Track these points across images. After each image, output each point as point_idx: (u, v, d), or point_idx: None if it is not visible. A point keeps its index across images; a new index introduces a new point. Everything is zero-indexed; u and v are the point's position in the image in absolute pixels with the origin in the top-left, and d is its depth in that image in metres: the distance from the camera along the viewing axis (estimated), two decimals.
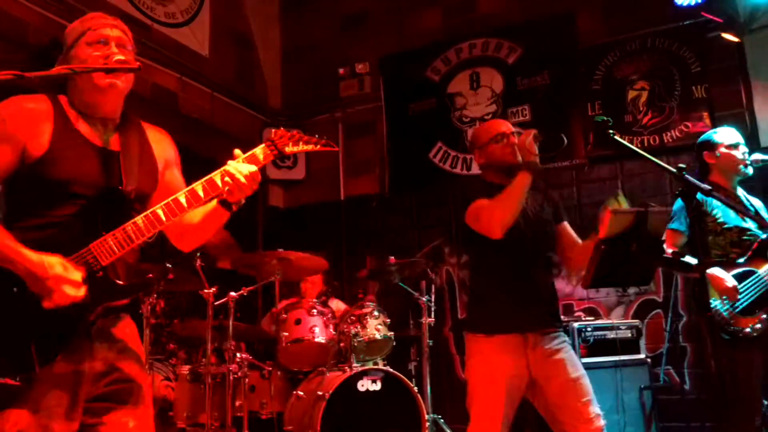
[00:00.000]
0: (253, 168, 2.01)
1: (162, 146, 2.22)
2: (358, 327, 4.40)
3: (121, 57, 2.01)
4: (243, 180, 1.98)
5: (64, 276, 1.81)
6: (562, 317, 2.99)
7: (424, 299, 4.66)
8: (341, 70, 6.79)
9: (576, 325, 4.64)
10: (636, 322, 4.81)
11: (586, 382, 2.75)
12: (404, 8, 6.71)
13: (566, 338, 2.88)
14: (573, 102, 5.76)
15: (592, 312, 5.48)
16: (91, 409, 1.92)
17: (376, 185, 6.58)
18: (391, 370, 4.25)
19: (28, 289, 1.82)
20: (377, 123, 6.64)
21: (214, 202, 2.06)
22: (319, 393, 4.02)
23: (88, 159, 1.99)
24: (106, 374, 1.96)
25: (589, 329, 4.63)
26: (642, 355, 4.69)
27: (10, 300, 1.82)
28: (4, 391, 1.77)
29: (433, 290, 4.85)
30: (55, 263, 1.81)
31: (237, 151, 2.04)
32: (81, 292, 1.83)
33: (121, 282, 1.96)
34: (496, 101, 6.12)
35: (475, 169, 6.06)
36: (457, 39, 6.35)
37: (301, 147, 2.12)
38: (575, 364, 2.79)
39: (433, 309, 4.73)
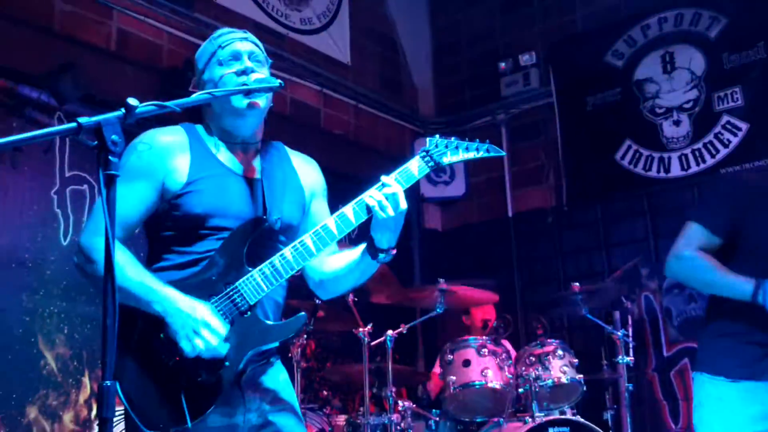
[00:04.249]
0: (399, 188, 2.07)
1: (309, 174, 2.34)
2: (540, 369, 4.36)
3: (260, 75, 2.14)
4: (390, 193, 2.04)
5: (212, 323, 1.94)
6: None
7: (618, 334, 4.55)
8: (502, 65, 6.80)
9: None
10: None
11: None
12: None
13: None
14: None
15: None
16: None
17: (550, 197, 6.54)
18: (583, 420, 4.19)
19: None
20: (548, 123, 6.60)
21: (361, 249, 2.17)
22: None
23: (229, 189, 2.13)
24: (262, 427, 2.09)
25: None
26: None
27: (158, 349, 1.98)
28: None
29: (629, 323, 4.70)
30: (204, 309, 1.96)
31: (384, 177, 2.11)
32: (224, 349, 1.97)
33: (270, 322, 2.09)
34: (697, 85, 5.94)
35: (675, 172, 5.90)
36: (642, 14, 6.18)
37: (462, 155, 2.20)
38: None
39: (631, 346, 4.59)
